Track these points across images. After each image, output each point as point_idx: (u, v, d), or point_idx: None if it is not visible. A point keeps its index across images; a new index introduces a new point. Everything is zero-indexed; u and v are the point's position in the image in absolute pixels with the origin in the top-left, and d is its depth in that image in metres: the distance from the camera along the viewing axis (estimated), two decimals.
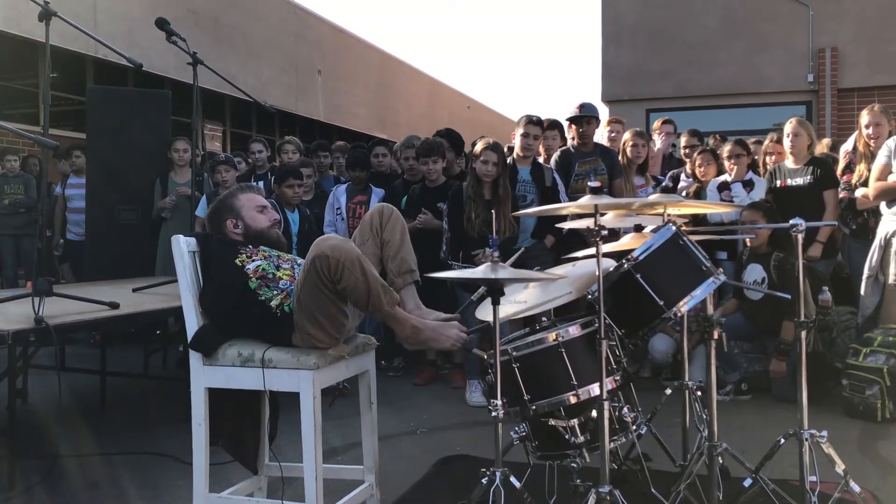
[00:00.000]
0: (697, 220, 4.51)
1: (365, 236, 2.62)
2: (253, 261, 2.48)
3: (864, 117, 4.68)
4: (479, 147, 4.63)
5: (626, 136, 5.49)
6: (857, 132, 4.91)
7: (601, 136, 5.87)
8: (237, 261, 2.47)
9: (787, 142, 4.89)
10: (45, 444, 3.63)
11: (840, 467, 2.47)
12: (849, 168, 4.93)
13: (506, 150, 4.89)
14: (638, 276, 2.32)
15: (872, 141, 4.59)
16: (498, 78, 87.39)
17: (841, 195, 4.81)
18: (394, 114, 19.27)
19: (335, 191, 5.49)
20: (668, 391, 3.00)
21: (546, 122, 5.49)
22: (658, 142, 6.15)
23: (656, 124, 6.37)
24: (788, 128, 4.89)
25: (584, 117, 5.16)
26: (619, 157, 5.40)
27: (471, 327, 4.67)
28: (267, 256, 2.53)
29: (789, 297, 2.71)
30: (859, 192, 4.62)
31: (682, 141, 5.85)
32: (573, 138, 5.34)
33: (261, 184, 5.68)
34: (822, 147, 5.81)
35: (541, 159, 5.20)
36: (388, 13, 77.36)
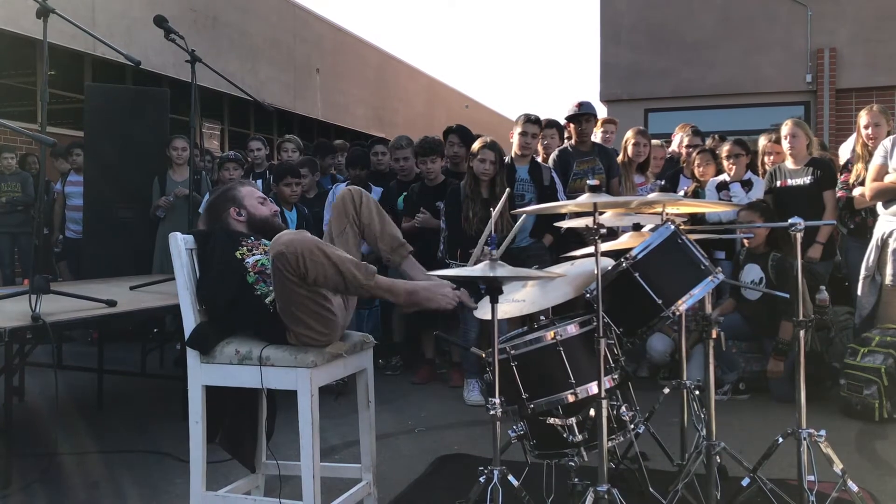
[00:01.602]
0: (696, 220, 4.51)
1: (342, 226, 2.57)
2: (253, 254, 2.48)
3: (863, 118, 4.69)
4: (476, 146, 4.62)
5: (628, 134, 5.48)
6: (856, 132, 4.91)
7: (595, 135, 5.87)
8: (237, 253, 2.46)
9: (785, 143, 4.88)
10: (41, 442, 3.62)
11: (838, 466, 2.47)
12: (846, 167, 4.94)
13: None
14: (636, 274, 2.31)
15: (871, 141, 4.59)
16: (496, 77, 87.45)
17: (839, 194, 4.81)
18: (392, 113, 19.25)
19: (334, 189, 5.48)
20: (666, 390, 3.00)
21: (544, 122, 5.48)
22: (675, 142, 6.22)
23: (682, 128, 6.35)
24: (785, 129, 4.87)
25: (583, 115, 5.16)
26: (620, 156, 5.40)
27: (469, 325, 4.66)
28: (266, 251, 2.51)
29: (787, 296, 2.71)
30: (857, 192, 4.63)
31: (685, 140, 5.85)
32: (568, 137, 5.34)
33: (259, 182, 5.67)
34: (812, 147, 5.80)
35: (539, 159, 5.20)
36: (387, 12, 77.37)
